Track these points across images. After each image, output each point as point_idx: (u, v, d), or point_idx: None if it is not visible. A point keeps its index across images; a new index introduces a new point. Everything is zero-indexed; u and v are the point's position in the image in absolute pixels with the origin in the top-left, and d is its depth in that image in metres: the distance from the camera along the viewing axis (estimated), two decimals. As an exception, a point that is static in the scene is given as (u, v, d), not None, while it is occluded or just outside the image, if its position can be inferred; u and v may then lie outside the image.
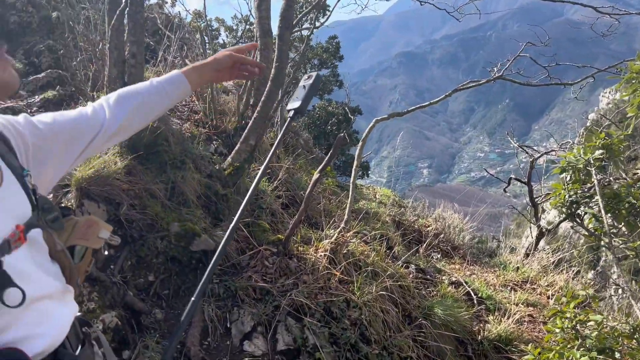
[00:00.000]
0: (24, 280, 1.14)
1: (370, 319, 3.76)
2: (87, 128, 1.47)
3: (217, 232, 3.96)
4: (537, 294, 5.34)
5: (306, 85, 1.87)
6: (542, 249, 7.46)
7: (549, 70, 5.04)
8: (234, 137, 5.11)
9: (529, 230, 8.19)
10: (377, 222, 5.82)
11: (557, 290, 5.23)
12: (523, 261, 6.43)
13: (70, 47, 5.08)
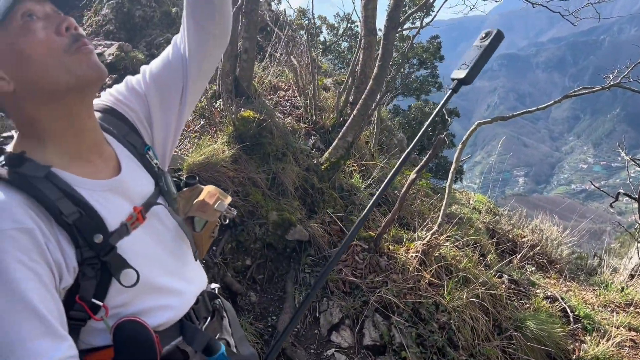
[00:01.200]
0: (143, 259, 1.24)
1: (459, 324, 3.71)
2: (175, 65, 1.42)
3: (312, 223, 4.08)
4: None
5: (481, 46, 1.61)
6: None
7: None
8: (331, 133, 5.21)
9: (636, 250, 7.64)
10: (470, 228, 5.70)
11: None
12: (627, 282, 6.03)
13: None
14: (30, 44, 1.08)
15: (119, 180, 1.24)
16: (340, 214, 4.35)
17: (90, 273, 1.12)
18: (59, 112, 1.16)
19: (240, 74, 4.33)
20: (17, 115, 1.17)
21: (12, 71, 1.10)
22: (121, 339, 1.18)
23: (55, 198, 1.07)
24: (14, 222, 1.01)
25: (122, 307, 1.20)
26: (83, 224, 1.10)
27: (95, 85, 1.20)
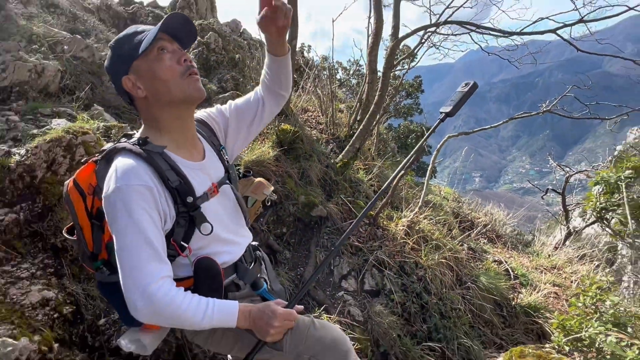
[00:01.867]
0: (214, 218, 1.26)
1: (432, 277, 3.67)
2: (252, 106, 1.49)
3: (329, 204, 4.06)
4: (562, 278, 4.89)
5: (462, 91, 1.61)
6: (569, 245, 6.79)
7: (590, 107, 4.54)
8: (344, 142, 5.18)
9: (558, 230, 7.47)
10: (441, 210, 5.62)
11: (579, 277, 4.75)
12: (552, 252, 5.91)
13: (246, 77, 5.42)
14: (161, 69, 1.18)
15: (204, 164, 1.31)
16: (350, 198, 4.33)
17: (182, 222, 1.18)
18: (173, 114, 1.25)
19: (282, 99, 4.34)
20: (145, 113, 1.26)
21: (147, 85, 1.20)
22: (199, 269, 1.24)
23: (165, 169, 1.15)
24: (141, 180, 1.09)
25: (199, 249, 1.26)
26: (181, 189, 1.17)
27: (197, 101, 1.28)
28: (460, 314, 3.54)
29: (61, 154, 2.55)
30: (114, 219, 1.07)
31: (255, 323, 1.17)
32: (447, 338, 3.26)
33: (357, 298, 3.42)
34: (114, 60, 1.23)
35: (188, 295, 1.12)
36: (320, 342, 1.31)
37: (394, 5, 4.62)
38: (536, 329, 3.86)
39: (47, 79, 3.61)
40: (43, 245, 2.38)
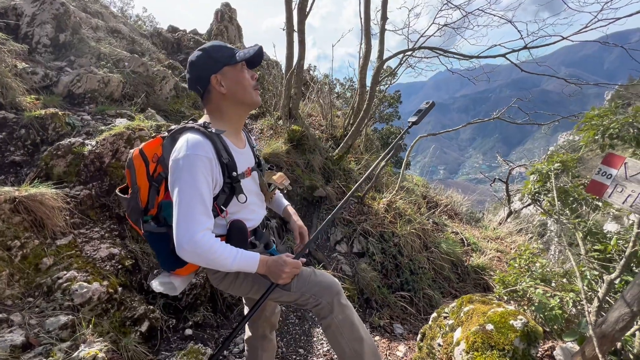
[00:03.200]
0: (247, 192, 1.27)
1: (405, 243, 3.68)
2: None
3: (327, 187, 4.06)
4: (504, 246, 4.90)
5: (423, 108, 1.63)
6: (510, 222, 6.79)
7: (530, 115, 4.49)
8: (339, 140, 5.15)
9: (502, 211, 7.47)
10: (413, 194, 5.61)
11: (517, 245, 4.76)
12: (497, 227, 5.91)
13: (264, 88, 5.36)
14: (244, 78, 1.25)
15: (244, 151, 1.33)
16: (343, 183, 4.32)
17: (225, 190, 1.19)
18: (237, 111, 1.29)
19: (292, 106, 4.28)
20: (215, 105, 1.28)
21: (229, 85, 1.24)
22: (234, 227, 1.25)
23: (220, 148, 1.17)
24: (205, 152, 1.11)
25: (233, 214, 1.27)
26: (230, 164, 1.19)
27: (256, 106, 1.33)
28: (425, 271, 3.56)
29: (123, 145, 2.54)
30: (178, 178, 1.08)
31: (270, 269, 1.18)
32: (414, 289, 3.29)
33: (348, 258, 3.44)
34: (206, 60, 1.24)
35: (223, 244, 1.13)
36: (319, 284, 1.33)
37: (380, 34, 4.53)
38: (483, 284, 3.88)
39: (112, 87, 3.58)
40: (109, 214, 2.40)
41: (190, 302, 2.48)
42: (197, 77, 1.25)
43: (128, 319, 1.98)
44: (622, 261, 2.03)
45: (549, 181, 2.59)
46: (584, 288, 2.28)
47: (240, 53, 1.25)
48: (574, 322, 2.29)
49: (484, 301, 1.65)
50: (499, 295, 2.84)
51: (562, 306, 2.32)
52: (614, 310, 1.87)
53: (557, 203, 2.43)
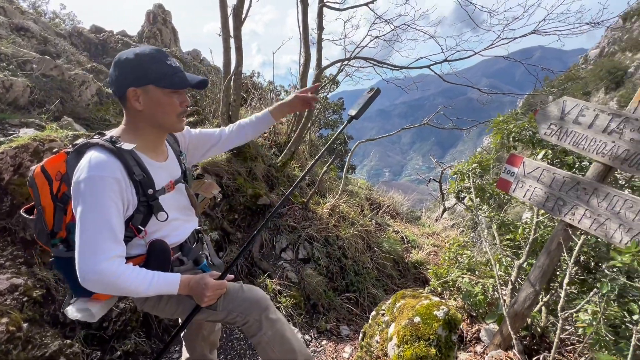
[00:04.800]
0: (169, 208, 1.20)
1: (349, 245, 3.78)
2: (212, 138, 1.51)
3: (272, 195, 4.01)
4: (440, 240, 5.31)
5: (367, 96, 1.42)
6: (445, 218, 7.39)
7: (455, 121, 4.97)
8: (283, 147, 5.13)
9: (439, 209, 8.10)
10: (357, 197, 5.82)
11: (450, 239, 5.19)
12: (433, 223, 6.38)
13: (202, 95, 5.14)
14: (167, 104, 1.15)
15: (165, 164, 1.25)
16: (288, 190, 4.31)
17: (141, 209, 1.11)
18: (154, 132, 1.20)
19: (232, 113, 4.16)
20: (132, 119, 1.18)
21: (148, 105, 1.13)
22: (152, 249, 1.18)
23: (132, 164, 1.08)
24: (110, 172, 1.02)
25: (153, 232, 1.19)
26: (144, 182, 1.10)
27: (176, 132, 1.28)
28: (369, 271, 3.70)
29: (28, 158, 2.22)
30: (81, 202, 0.98)
31: (193, 291, 1.14)
32: (359, 289, 3.39)
33: (293, 265, 3.42)
34: (134, 67, 1.11)
35: (136, 269, 1.05)
36: (245, 301, 1.29)
37: (317, 43, 4.65)
38: (422, 277, 4.15)
39: (16, 93, 3.12)
40: (12, 239, 2.07)
41: (119, 329, 2.24)
42: (115, 81, 1.13)
43: (37, 358, 1.72)
44: (527, 247, 2.32)
45: (468, 180, 2.88)
46: (499, 274, 2.56)
47: (177, 79, 1.12)
48: (495, 305, 2.55)
49: (414, 295, 1.76)
50: (433, 287, 3.06)
51: (485, 292, 2.57)
52: (522, 291, 2.13)
53: (475, 199, 2.70)
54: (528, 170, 2.06)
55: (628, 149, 1.64)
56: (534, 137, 2.37)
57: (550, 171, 1.96)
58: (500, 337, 2.21)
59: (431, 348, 1.42)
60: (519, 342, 2.28)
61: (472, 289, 2.57)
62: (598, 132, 1.74)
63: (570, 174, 1.88)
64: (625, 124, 1.65)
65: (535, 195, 2.02)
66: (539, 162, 2.08)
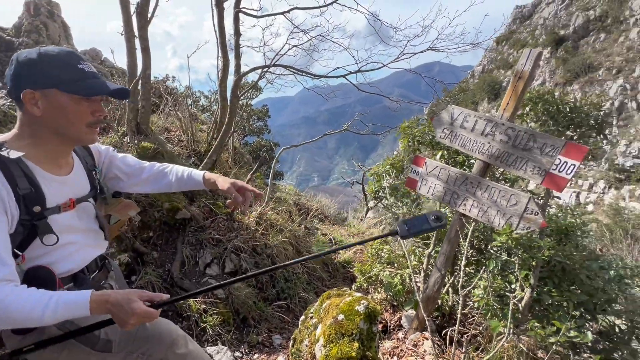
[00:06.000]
0: (64, 230, 1.03)
1: (278, 253, 3.74)
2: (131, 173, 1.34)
3: (192, 207, 3.74)
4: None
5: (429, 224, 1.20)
6: (370, 217, 7.89)
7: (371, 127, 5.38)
8: (203, 156, 4.85)
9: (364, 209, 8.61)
10: (285, 203, 5.81)
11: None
12: (359, 223, 6.76)
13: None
14: (76, 111, 0.99)
15: (67, 178, 1.08)
16: (211, 200, 4.07)
17: (20, 230, 0.93)
18: (56, 141, 1.03)
19: (141, 120, 3.76)
20: (27, 124, 1.00)
21: (49, 111, 0.97)
22: (32, 277, 0.98)
23: (17, 175, 0.92)
24: None
25: (36, 258, 1.00)
26: (29, 197, 0.94)
27: (85, 145, 1.17)
28: (300, 276, 3.72)
29: None
30: None
31: (113, 313, 0.92)
32: (290, 296, 3.38)
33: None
34: (32, 69, 0.94)
35: (25, 291, 0.86)
36: (147, 339, 1.14)
37: (235, 49, 4.55)
38: (350, 276, 4.34)
39: None
40: None
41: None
42: (10, 80, 0.95)
43: None
44: (434, 237, 2.62)
45: (383, 180, 3.13)
46: (414, 264, 2.83)
47: (88, 84, 0.97)
48: (412, 293, 2.81)
49: (339, 294, 1.83)
50: (359, 284, 3.22)
51: (403, 282, 2.82)
52: (432, 276, 2.38)
53: (389, 198, 2.95)
54: (429, 169, 2.34)
55: (499, 148, 1.99)
56: (433, 140, 2.70)
57: (446, 169, 2.25)
58: (417, 321, 2.44)
59: (354, 342, 1.49)
60: (432, 322, 2.55)
61: (392, 281, 2.78)
62: (478, 134, 2.07)
63: (461, 171, 2.20)
64: (496, 128, 2.00)
65: (436, 190, 2.29)
66: (438, 161, 2.38)
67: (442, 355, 2.12)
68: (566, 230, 2.32)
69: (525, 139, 1.86)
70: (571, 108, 2.14)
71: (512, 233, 1.87)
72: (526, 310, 2.08)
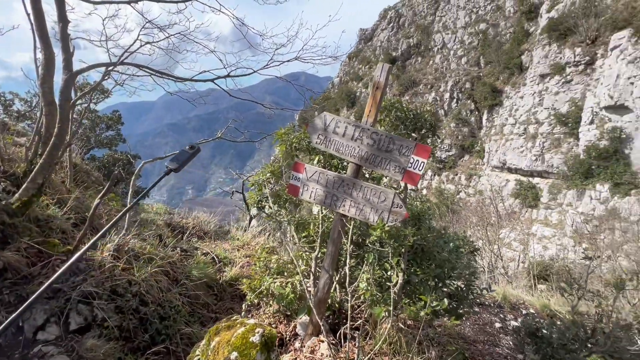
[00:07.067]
0: None
1: (148, 288, 3.10)
2: None
3: (6, 253, 2.67)
4: (251, 250, 5.40)
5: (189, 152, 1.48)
6: (254, 226, 7.64)
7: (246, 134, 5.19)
8: (22, 179, 3.60)
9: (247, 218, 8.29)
10: (153, 225, 4.97)
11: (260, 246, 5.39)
12: (243, 234, 6.44)
13: None
14: None
15: None
16: (40, 239, 3.03)
17: None
18: None
19: None
20: None
21: None
22: None
23: None
24: None
25: None
26: None
27: None
28: (179, 308, 3.19)
29: None
30: None
31: None
32: (169, 336, 2.85)
33: (63, 343, 2.42)
34: None
35: None
36: None
37: (62, 40, 3.53)
38: (239, 294, 4.04)
39: None
40: None
41: None
42: None
43: None
44: (319, 240, 2.68)
45: (265, 188, 3.02)
46: (302, 268, 2.83)
47: None
48: (304, 299, 2.80)
49: (229, 326, 1.61)
50: (250, 302, 3.00)
51: (294, 289, 2.77)
52: (321, 278, 2.41)
53: (273, 206, 2.86)
54: (309, 174, 2.36)
55: (367, 151, 2.17)
56: (309, 145, 2.76)
57: (324, 173, 2.32)
58: (311, 326, 2.43)
59: (252, 380, 1.32)
60: (325, 323, 2.60)
61: (284, 291, 2.70)
62: (349, 139, 2.21)
63: (337, 174, 2.30)
64: (363, 133, 2.18)
65: (317, 195, 2.33)
66: (316, 166, 2.43)
67: (337, 355, 2.17)
68: (419, 216, 2.77)
69: (387, 142, 2.09)
70: (414, 115, 2.55)
71: (385, 226, 2.07)
72: (400, 292, 2.36)
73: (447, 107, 37.55)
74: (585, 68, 22.59)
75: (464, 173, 33.14)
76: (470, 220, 15.98)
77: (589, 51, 22.47)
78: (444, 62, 41.79)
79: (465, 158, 34.32)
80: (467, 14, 41.71)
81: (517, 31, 34.46)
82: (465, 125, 35.17)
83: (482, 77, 36.46)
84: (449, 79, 38.90)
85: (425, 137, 2.72)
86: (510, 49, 33.89)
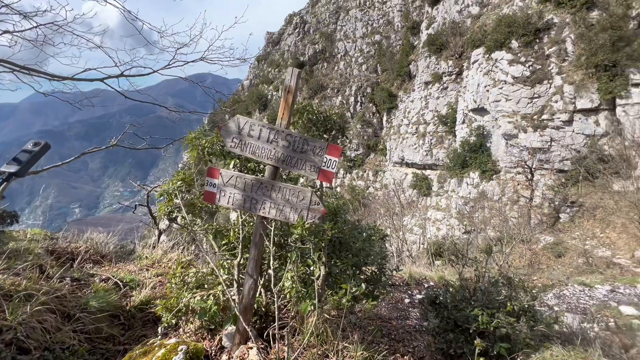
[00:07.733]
0: None
1: (29, 332, 2.53)
2: None
3: None
4: (163, 268, 4.88)
5: (32, 151, 1.23)
6: (164, 241, 6.92)
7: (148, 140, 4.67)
8: None
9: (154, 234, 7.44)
10: (30, 255, 4.03)
11: (174, 262, 4.93)
12: (152, 251, 5.77)
13: None
14: None
15: None
16: None
17: None
18: None
19: None
20: None
21: None
22: None
23: None
24: None
25: None
26: None
27: None
28: (75, 348, 2.69)
29: None
30: None
31: None
32: (64, 383, 2.38)
33: None
34: None
35: None
36: None
37: None
38: (151, 317, 3.61)
39: None
40: None
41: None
42: None
43: None
44: (240, 245, 2.62)
45: (176, 198, 2.79)
46: (224, 277, 2.72)
47: None
48: (229, 308, 2.69)
49: (146, 351, 1.45)
50: (167, 324, 2.74)
51: (217, 301, 2.64)
52: (245, 284, 2.37)
53: (187, 216, 2.68)
54: (226, 179, 2.29)
55: (283, 152, 2.23)
56: (223, 149, 2.67)
57: (242, 177, 2.29)
58: (239, 335, 2.37)
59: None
60: (253, 329, 2.56)
61: (205, 304, 2.55)
62: (265, 142, 2.23)
63: (255, 177, 2.30)
64: (278, 135, 2.23)
65: (236, 200, 2.29)
66: (232, 171, 2.38)
67: (268, 357, 2.17)
68: (335, 212, 2.96)
69: (301, 143, 2.19)
70: (324, 117, 2.73)
71: (305, 224, 2.17)
72: (323, 284, 2.49)
73: (353, 109, 40.69)
74: (456, 77, 27.50)
75: (371, 170, 36.46)
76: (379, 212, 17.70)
77: (457, 64, 27.42)
78: (347, 68, 45.14)
79: (371, 156, 37.79)
80: (364, 26, 45.96)
81: (405, 44, 39.57)
82: (369, 126, 38.74)
83: (380, 82, 40.72)
84: (353, 84, 42.22)
85: (335, 137, 2.92)
86: (400, 59, 38.74)
